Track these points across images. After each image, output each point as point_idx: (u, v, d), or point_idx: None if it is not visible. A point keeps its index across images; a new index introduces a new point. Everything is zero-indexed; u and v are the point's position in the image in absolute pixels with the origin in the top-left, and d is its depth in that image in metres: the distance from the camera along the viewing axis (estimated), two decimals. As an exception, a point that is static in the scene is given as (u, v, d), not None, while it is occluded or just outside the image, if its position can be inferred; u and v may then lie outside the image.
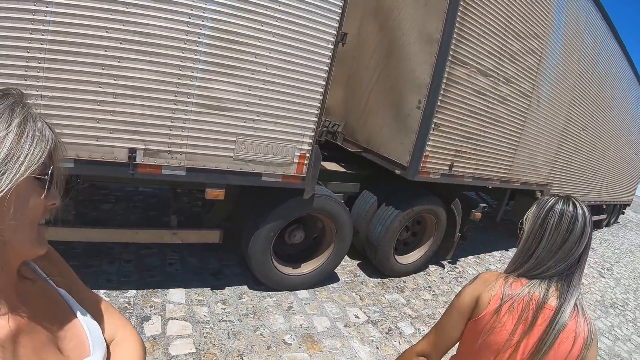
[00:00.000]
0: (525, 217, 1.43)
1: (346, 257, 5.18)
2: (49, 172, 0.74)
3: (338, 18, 3.42)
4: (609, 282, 7.68)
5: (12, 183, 0.66)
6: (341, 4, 3.40)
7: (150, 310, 3.46)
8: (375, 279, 4.91)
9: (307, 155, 3.62)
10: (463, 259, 6.30)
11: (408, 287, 4.94)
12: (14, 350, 0.71)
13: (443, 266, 5.78)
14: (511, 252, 7.25)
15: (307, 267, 4.33)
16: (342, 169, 5.02)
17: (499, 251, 7.14)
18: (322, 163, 5.00)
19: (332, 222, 4.22)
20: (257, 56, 3.22)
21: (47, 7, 2.53)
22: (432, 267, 5.66)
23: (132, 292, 3.64)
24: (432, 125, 4.26)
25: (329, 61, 3.50)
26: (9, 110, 0.70)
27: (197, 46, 3.03)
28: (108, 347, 0.95)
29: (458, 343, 1.42)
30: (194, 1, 2.94)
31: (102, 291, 3.54)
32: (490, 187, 6.15)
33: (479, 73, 4.48)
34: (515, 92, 5.08)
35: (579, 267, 1.30)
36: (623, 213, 15.84)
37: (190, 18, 2.95)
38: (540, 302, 1.24)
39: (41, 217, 0.77)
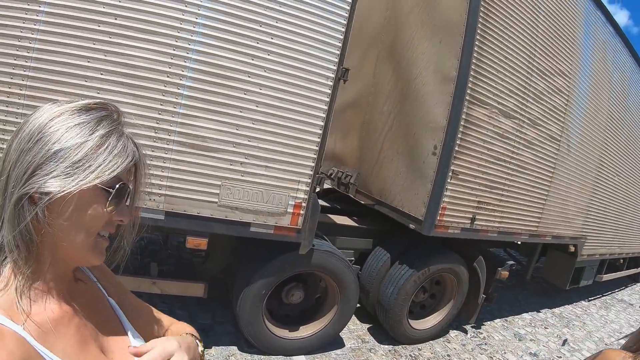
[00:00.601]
0: None
1: (356, 320, 4.50)
2: (118, 186, 0.74)
3: (338, 52, 3.01)
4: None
5: (75, 187, 0.68)
6: (341, 37, 3.00)
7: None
8: (386, 346, 4.15)
9: (303, 205, 3.10)
10: (489, 322, 5.41)
11: (423, 356, 4.14)
12: (56, 338, 0.71)
13: (466, 331, 4.93)
14: (543, 314, 6.29)
15: (306, 331, 3.67)
16: (354, 224, 4.44)
17: (530, 313, 6.18)
18: (332, 217, 4.49)
19: (335, 281, 3.60)
20: (247, 92, 2.84)
21: (32, 34, 2.35)
22: (452, 333, 4.81)
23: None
24: (450, 173, 3.66)
25: (328, 99, 3.05)
26: (97, 121, 0.73)
27: (181, 80, 2.71)
28: None
29: None
30: (179, 32, 2.65)
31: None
32: (519, 242, 5.38)
33: (500, 114, 3.91)
34: (542, 136, 4.43)
35: None
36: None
37: (174, 50, 2.67)
38: None
39: (103, 229, 0.77)
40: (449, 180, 3.67)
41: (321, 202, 5.34)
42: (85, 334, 0.78)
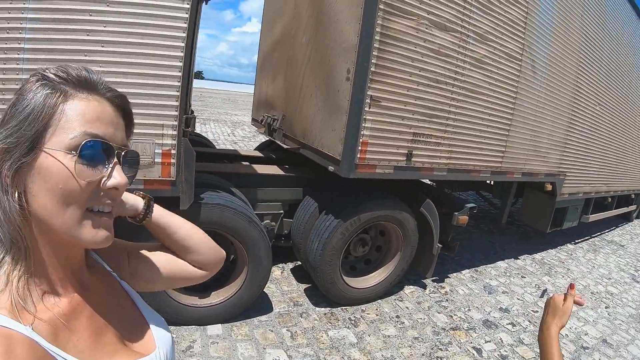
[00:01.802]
0: None
1: (293, 280, 4.17)
2: (85, 143, 0.63)
3: (192, -34, 2.61)
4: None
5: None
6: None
7: None
8: (322, 309, 3.77)
9: (173, 152, 2.76)
10: (455, 274, 4.86)
11: (366, 319, 3.73)
12: (69, 334, 0.67)
13: (424, 287, 4.43)
14: (521, 260, 5.68)
15: (217, 297, 3.37)
16: (280, 172, 4.07)
17: (505, 260, 5.59)
18: (255, 166, 4.14)
19: (238, 239, 3.25)
20: (90, 33, 2.52)
21: None
22: (408, 289, 4.32)
23: None
24: (367, 100, 3.18)
25: (186, 25, 2.67)
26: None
27: (20, 33, 2.44)
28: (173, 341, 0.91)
29: None
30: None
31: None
32: (491, 182, 4.82)
33: (433, 26, 3.33)
34: (496, 54, 3.79)
35: None
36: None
37: (11, 3, 2.37)
38: None
39: (90, 202, 0.65)
40: (367, 109, 3.20)
41: (256, 154, 5.06)
42: (100, 325, 0.75)
